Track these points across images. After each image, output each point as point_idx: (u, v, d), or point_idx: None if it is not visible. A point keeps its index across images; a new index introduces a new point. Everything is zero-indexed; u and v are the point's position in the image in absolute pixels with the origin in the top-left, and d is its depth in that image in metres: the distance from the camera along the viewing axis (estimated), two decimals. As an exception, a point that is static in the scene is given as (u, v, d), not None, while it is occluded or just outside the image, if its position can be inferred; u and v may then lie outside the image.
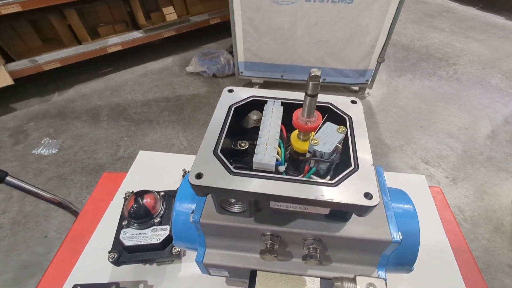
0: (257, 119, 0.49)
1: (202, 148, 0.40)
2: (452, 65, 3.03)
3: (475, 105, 2.51)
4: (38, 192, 0.80)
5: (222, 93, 0.47)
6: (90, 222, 0.71)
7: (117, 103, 2.54)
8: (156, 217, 0.60)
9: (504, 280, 1.42)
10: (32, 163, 2.04)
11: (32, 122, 2.35)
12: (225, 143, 0.41)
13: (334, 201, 0.33)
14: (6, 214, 1.75)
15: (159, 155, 0.92)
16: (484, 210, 1.72)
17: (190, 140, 2.18)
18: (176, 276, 0.62)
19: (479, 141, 2.17)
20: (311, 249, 0.40)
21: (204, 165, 0.37)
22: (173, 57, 3.11)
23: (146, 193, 0.61)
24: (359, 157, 0.39)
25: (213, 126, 0.43)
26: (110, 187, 0.79)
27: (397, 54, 3.21)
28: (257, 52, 2.37)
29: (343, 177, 0.36)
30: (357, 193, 0.34)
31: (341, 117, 0.46)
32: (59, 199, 0.85)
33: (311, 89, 0.38)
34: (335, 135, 0.40)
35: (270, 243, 0.40)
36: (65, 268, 0.63)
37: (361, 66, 2.38)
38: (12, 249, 1.60)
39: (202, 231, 0.44)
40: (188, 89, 2.68)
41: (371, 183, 0.35)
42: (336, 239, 0.41)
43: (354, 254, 0.43)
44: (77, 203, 1.80)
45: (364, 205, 0.33)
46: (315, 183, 0.36)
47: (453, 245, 0.66)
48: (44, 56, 2.49)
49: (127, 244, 0.57)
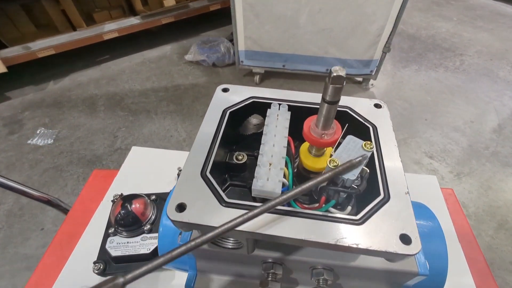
0: (257, 123, 0.40)
1: (187, 167, 0.31)
2: (459, 55, 2.94)
3: (482, 98, 2.44)
4: (24, 190, 0.76)
5: (214, 93, 0.39)
6: (78, 225, 0.67)
7: (114, 92, 2.47)
8: (146, 224, 0.56)
9: (507, 278, 1.40)
10: (27, 153, 2.00)
11: (27, 111, 2.29)
12: (218, 154, 0.33)
13: (360, 247, 0.25)
14: (2, 206, 1.72)
15: (153, 152, 0.87)
16: (489, 206, 1.69)
17: (189, 131, 2.13)
18: (170, 284, 0.58)
19: (485, 135, 2.12)
20: (321, 281, 0.32)
21: (188, 192, 0.28)
22: (171, 45, 3.02)
23: (135, 198, 0.56)
24: (389, 182, 0.30)
25: (202, 137, 0.33)
26: (101, 186, 0.75)
27: (403, 43, 3.10)
28: (258, 41, 2.28)
29: (371, 211, 0.28)
30: (390, 235, 0.26)
31: (363, 126, 0.36)
32: (48, 197, 0.81)
33: (332, 94, 0.28)
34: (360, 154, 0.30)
35: (272, 273, 0.32)
36: (50, 275, 0.59)
37: (365, 56, 2.29)
38: (8, 242, 1.58)
39: (192, 254, 0.37)
40: (187, 79, 2.61)
41: (408, 220, 0.26)
42: (350, 269, 0.33)
43: (371, 284, 0.36)
44: (74, 195, 1.77)
45: (400, 253, 0.25)
46: (334, 219, 0.28)
47: (467, 254, 0.62)
48: (38, 43, 2.41)
49: (114, 255, 0.53)
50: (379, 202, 0.29)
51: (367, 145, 0.32)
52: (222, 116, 0.36)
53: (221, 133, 0.35)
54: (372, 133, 0.35)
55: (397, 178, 0.30)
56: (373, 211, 0.28)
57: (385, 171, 0.31)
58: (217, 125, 0.35)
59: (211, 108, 0.38)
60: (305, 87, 2.52)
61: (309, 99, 0.39)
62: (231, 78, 2.63)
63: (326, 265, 0.33)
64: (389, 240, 0.26)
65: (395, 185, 0.30)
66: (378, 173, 0.31)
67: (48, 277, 0.59)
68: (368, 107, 0.39)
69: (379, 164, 0.32)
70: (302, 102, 0.39)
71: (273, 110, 0.37)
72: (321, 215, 0.28)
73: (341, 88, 0.28)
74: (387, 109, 0.39)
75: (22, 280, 1.41)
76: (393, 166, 0.32)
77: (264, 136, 0.34)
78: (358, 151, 0.31)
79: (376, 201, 0.29)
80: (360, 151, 0.31)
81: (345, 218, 0.28)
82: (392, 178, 0.31)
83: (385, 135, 0.35)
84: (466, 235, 0.66)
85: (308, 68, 2.42)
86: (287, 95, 0.40)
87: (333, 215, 0.28)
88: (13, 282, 1.41)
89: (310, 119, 0.33)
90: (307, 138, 0.33)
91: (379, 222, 0.27)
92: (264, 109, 0.38)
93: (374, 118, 0.37)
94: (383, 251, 0.25)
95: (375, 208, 0.28)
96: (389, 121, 0.37)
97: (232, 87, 0.40)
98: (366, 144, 0.32)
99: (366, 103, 0.39)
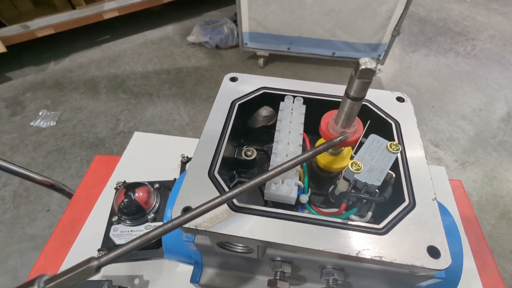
0: (267, 115, 0.37)
1: (193, 166, 0.28)
2: (471, 40, 2.83)
3: (492, 85, 2.37)
4: (27, 174, 0.75)
5: (222, 82, 0.36)
6: (81, 211, 0.67)
7: (116, 74, 2.43)
8: (149, 213, 0.55)
9: (506, 266, 1.41)
10: (30, 135, 2.00)
11: (29, 93, 2.27)
12: (226, 150, 0.31)
13: (384, 260, 0.23)
14: (7, 187, 1.74)
15: (156, 137, 0.86)
16: (492, 196, 1.68)
17: (192, 115, 2.11)
18: (174, 271, 0.59)
19: (493, 124, 2.08)
20: (330, 282, 0.30)
21: (195, 194, 0.26)
22: (173, 25, 2.93)
23: (138, 186, 0.55)
24: (415, 186, 0.27)
25: (210, 133, 0.30)
26: (103, 172, 0.74)
27: (413, 27, 2.99)
28: (263, 22, 2.20)
29: (395, 219, 0.25)
30: (416, 247, 0.24)
31: (384, 122, 0.33)
32: (51, 181, 0.80)
33: (358, 89, 0.25)
34: (384, 156, 0.28)
35: (280, 272, 0.30)
36: (55, 260, 0.60)
37: (374, 40, 2.21)
38: (16, 222, 1.61)
39: (198, 249, 0.35)
40: (190, 61, 2.55)
41: (436, 230, 0.24)
42: (361, 270, 0.31)
43: (382, 284, 0.34)
44: (78, 177, 1.78)
45: (428, 267, 0.23)
46: (355, 228, 0.25)
47: (473, 248, 0.61)
48: (37, 22, 2.34)
49: (118, 243, 0.53)
50: (404, 209, 0.26)
51: (392, 146, 0.29)
52: (231, 109, 0.33)
53: (229, 128, 0.32)
54: (394, 130, 0.32)
55: (423, 182, 0.28)
56: (397, 219, 0.26)
57: (410, 174, 0.28)
58: (225, 119, 0.32)
59: (218, 100, 0.34)
60: (310, 71, 2.46)
61: (325, 91, 0.35)
62: (234, 61, 2.57)
63: (336, 265, 0.31)
64: (416, 253, 0.24)
65: (421, 190, 0.27)
66: (402, 177, 0.29)
67: (53, 262, 0.60)
68: (390, 101, 0.35)
69: (403, 166, 0.29)
70: (318, 94, 0.35)
71: (287, 103, 0.34)
72: (340, 223, 0.26)
73: (369, 83, 0.25)
74: (411, 103, 0.35)
75: (30, 259, 1.46)
76: (419, 168, 0.29)
77: (277, 133, 0.31)
78: (382, 152, 0.28)
79: (401, 208, 0.26)
80: (385, 153, 0.28)
81: (367, 227, 0.25)
82: (417, 182, 0.28)
83: (409, 133, 0.32)
84: (473, 228, 0.65)
85: (314, 52, 2.35)
86: (301, 85, 0.36)
87: (354, 224, 0.26)
88: (22, 261, 1.45)
89: (328, 115, 0.30)
90: (324, 136, 0.30)
91: (404, 232, 0.25)
92: (275, 101, 0.35)
93: (397, 113, 0.33)
94: (409, 264, 0.23)
95: (400, 216, 0.26)
96: (413, 117, 0.34)
97: (240, 76, 0.37)
98: (392, 144, 0.29)
99: (387, 96, 0.36)
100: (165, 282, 0.58)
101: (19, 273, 1.40)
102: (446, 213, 0.37)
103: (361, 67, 0.24)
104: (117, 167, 0.75)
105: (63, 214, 0.68)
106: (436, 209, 0.26)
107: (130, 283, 0.58)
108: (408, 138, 0.32)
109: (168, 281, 0.58)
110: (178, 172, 0.75)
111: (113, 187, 0.66)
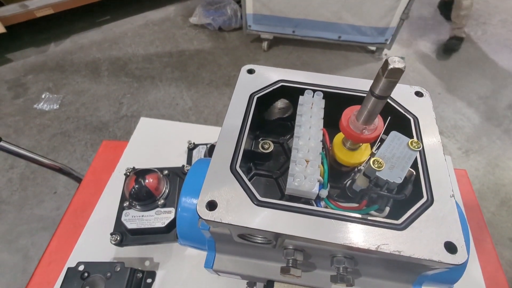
0: (283, 107, 0.37)
1: (215, 161, 0.29)
2: (482, 24, 2.75)
3: (500, 72, 2.32)
4: (36, 158, 0.76)
5: (239, 74, 0.36)
6: (91, 195, 0.68)
7: (117, 56, 2.39)
8: (159, 199, 0.56)
9: (503, 253, 1.45)
10: (34, 118, 2.00)
11: (30, 75, 2.25)
12: (245, 143, 0.31)
13: (403, 254, 0.24)
14: (14, 169, 1.77)
15: (162, 123, 0.86)
16: (494, 184, 1.69)
17: (195, 100, 2.09)
18: (183, 255, 0.61)
19: (499, 112, 2.05)
20: (341, 269, 0.31)
21: (218, 188, 0.27)
22: (175, 5, 2.85)
23: (148, 173, 0.56)
24: (433, 183, 0.28)
25: (230, 126, 0.31)
26: (111, 157, 0.75)
27: (422, 10, 2.89)
28: (268, 3, 2.14)
29: (413, 216, 0.26)
30: (434, 243, 0.25)
31: (403, 118, 0.33)
32: (59, 165, 0.82)
33: (384, 87, 0.25)
34: (405, 153, 0.27)
35: (293, 260, 0.31)
36: (68, 242, 0.62)
37: (381, 24, 2.15)
38: (24, 203, 1.65)
39: (212, 237, 0.37)
40: (192, 44, 2.50)
41: (453, 226, 0.25)
42: (371, 258, 0.32)
43: (390, 272, 0.35)
44: (83, 161, 1.80)
45: (445, 262, 0.24)
46: (374, 223, 0.26)
47: (475, 235, 0.62)
48: (35, 1, 2.29)
49: (129, 227, 0.54)
50: (422, 205, 0.27)
51: (413, 144, 0.28)
52: (249, 102, 0.33)
53: (249, 122, 0.32)
54: (413, 126, 0.32)
55: (441, 179, 0.28)
56: (415, 215, 0.26)
57: (428, 171, 0.29)
58: (245, 113, 0.32)
59: (237, 92, 0.34)
60: (315, 55, 2.41)
61: (345, 85, 0.35)
62: (237, 43, 2.51)
63: (347, 254, 0.32)
64: (433, 248, 0.25)
65: (439, 187, 0.28)
66: (421, 173, 0.29)
67: (66, 243, 0.62)
68: (408, 95, 0.35)
69: (422, 163, 0.30)
70: (338, 88, 0.35)
71: (307, 98, 0.34)
72: (360, 218, 0.27)
73: (396, 83, 0.25)
74: (430, 98, 0.35)
75: (40, 239, 1.50)
76: (437, 165, 0.29)
77: (297, 128, 0.32)
78: (403, 150, 0.28)
79: (419, 204, 0.27)
80: (406, 150, 0.28)
81: (386, 222, 0.26)
82: (435, 179, 0.28)
83: (427, 129, 0.32)
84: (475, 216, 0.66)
85: (320, 35, 2.29)
86: (320, 79, 0.36)
87: (374, 219, 0.27)
88: (32, 241, 1.50)
89: (349, 111, 0.30)
90: (345, 132, 0.30)
91: (422, 227, 0.26)
92: (293, 94, 0.35)
93: (415, 108, 0.33)
94: (426, 259, 0.24)
95: (418, 212, 0.26)
96: (432, 113, 0.34)
97: (258, 68, 0.36)
98: (413, 142, 0.28)
99: (406, 90, 0.36)
100: (174, 265, 0.60)
101: (30, 252, 1.45)
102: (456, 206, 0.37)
103: (390, 66, 0.23)
104: (124, 153, 0.75)
105: (73, 198, 0.70)
106: (453, 205, 0.27)
107: (141, 265, 0.60)
108: (427, 134, 0.32)
109: (177, 264, 0.60)
110: (185, 158, 0.75)
111: (122, 172, 0.67)
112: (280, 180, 0.35)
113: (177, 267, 0.60)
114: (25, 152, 0.74)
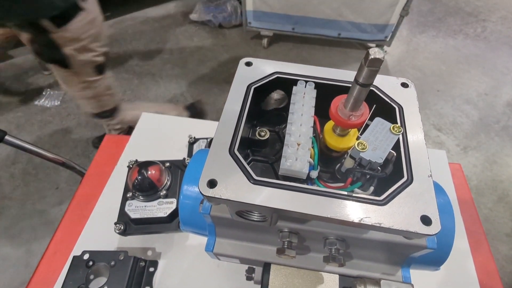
0: (278, 98, 0.40)
1: (215, 145, 0.32)
2: (482, 21, 2.75)
3: (500, 69, 2.33)
4: (40, 152, 0.78)
5: (238, 67, 0.38)
6: (94, 187, 0.70)
7: (118, 53, 2.40)
8: (161, 190, 0.58)
9: (500, 248, 1.47)
10: (36, 114, 2.02)
11: (31, 71, 2.26)
12: (242, 130, 0.34)
13: (383, 226, 0.27)
14: (16, 165, 1.78)
15: (163, 118, 0.87)
16: (491, 180, 1.71)
17: (196, 97, 2.10)
18: (184, 244, 0.63)
19: (498, 109, 2.07)
20: (333, 250, 0.35)
21: (218, 168, 0.30)
22: (175, 2, 2.85)
23: (150, 165, 0.58)
24: (413, 164, 0.31)
25: (228, 114, 0.34)
26: (113, 151, 0.76)
27: (422, 6, 2.89)
28: (267, 0, 2.14)
29: (393, 193, 0.29)
30: (411, 216, 0.27)
31: (388, 106, 0.36)
32: (62, 159, 0.83)
33: (366, 76, 0.28)
34: (387, 137, 0.31)
35: (288, 241, 0.35)
36: (73, 231, 0.63)
37: (381, 20, 2.16)
38: (26, 198, 1.67)
39: (212, 221, 0.39)
40: (192, 40, 2.51)
41: (429, 202, 0.28)
42: (361, 240, 0.36)
43: (379, 254, 0.39)
44: (84, 157, 1.82)
45: (420, 233, 0.27)
46: (358, 199, 0.29)
47: (468, 228, 0.64)
48: (36, -2, 2.29)
49: (133, 217, 0.56)
50: (402, 184, 0.30)
51: (395, 128, 0.32)
52: (247, 92, 0.36)
53: (246, 110, 0.35)
54: (398, 114, 0.35)
55: (421, 161, 0.31)
56: (396, 192, 0.29)
57: (410, 154, 0.32)
58: (242, 101, 0.36)
59: (235, 83, 0.37)
60: (315, 52, 2.42)
61: (335, 76, 0.38)
62: (237, 40, 2.52)
63: (338, 236, 0.35)
64: (411, 221, 0.27)
65: (419, 167, 0.31)
66: (403, 156, 0.32)
67: (71, 233, 0.64)
68: (395, 86, 0.38)
69: (404, 146, 0.33)
70: (328, 79, 0.38)
71: (299, 87, 0.37)
72: (346, 195, 0.30)
73: (377, 71, 0.28)
74: (414, 89, 0.38)
75: (42, 234, 1.52)
76: (418, 149, 0.32)
77: (291, 115, 0.35)
78: (386, 134, 0.32)
79: (400, 183, 0.30)
80: (388, 134, 0.32)
81: (369, 198, 0.29)
82: (415, 160, 0.31)
83: (411, 117, 0.35)
84: (469, 209, 0.68)
85: (319, 32, 2.30)
86: (312, 71, 0.39)
87: (358, 196, 0.30)
88: (35, 235, 1.52)
89: (338, 99, 0.33)
90: (334, 119, 0.33)
91: (402, 203, 0.29)
92: (288, 85, 0.38)
93: (400, 98, 0.36)
94: (404, 230, 0.27)
95: (398, 190, 0.29)
96: (415, 102, 0.37)
97: (255, 60, 0.39)
98: (394, 127, 0.32)
99: (392, 81, 0.38)
100: (175, 255, 0.62)
101: (33, 246, 1.47)
102: (442, 193, 0.40)
103: (370, 56, 0.26)
104: (126, 147, 0.77)
105: (77, 190, 0.71)
106: (430, 184, 0.30)
107: (144, 255, 0.62)
108: (410, 121, 0.35)
109: (178, 253, 0.62)
110: (186, 152, 0.77)
111: (124, 165, 0.69)
112: (275, 165, 0.39)
113: (179, 256, 0.62)
114: (30, 146, 0.75)
